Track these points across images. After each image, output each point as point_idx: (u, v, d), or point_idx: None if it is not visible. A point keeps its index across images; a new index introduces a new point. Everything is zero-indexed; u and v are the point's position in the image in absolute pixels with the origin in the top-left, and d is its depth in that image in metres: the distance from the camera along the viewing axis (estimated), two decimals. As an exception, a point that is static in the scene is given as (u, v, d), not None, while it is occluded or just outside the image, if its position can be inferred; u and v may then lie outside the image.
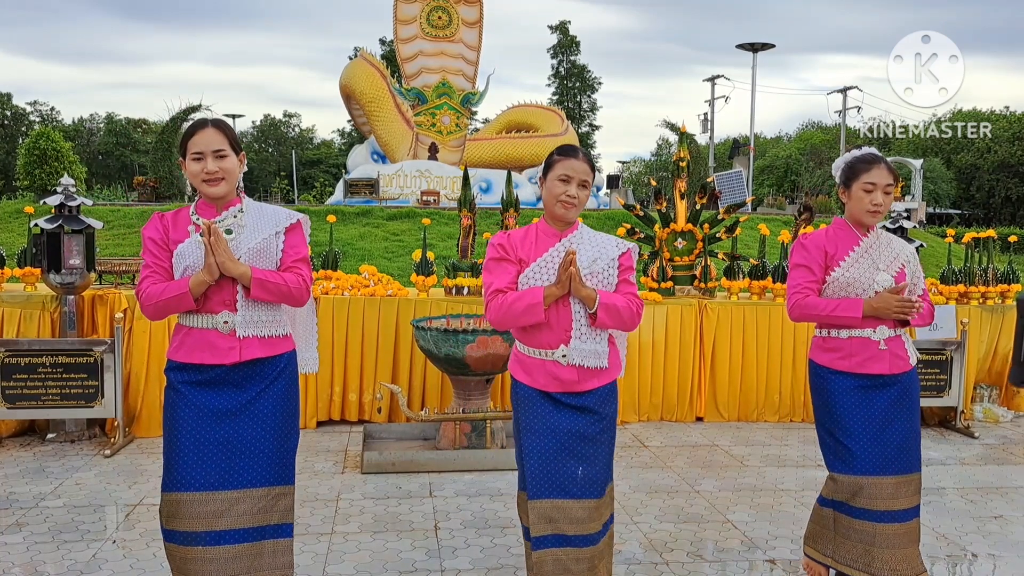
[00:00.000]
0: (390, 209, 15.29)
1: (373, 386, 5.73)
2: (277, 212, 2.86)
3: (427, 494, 4.40)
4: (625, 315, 2.73)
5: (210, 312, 2.69)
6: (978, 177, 45.64)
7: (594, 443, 2.75)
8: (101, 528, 3.82)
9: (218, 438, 2.69)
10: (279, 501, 2.78)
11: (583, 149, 2.84)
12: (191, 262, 2.67)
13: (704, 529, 3.98)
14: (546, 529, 2.66)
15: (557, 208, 2.75)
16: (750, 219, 14.24)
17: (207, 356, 2.68)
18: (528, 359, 2.78)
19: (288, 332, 2.83)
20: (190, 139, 2.71)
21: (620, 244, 2.84)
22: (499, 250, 2.80)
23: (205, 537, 2.66)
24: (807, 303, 3.03)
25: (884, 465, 3.01)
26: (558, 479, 2.68)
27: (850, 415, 3.03)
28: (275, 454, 2.76)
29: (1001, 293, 6.54)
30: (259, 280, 2.67)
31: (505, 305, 2.70)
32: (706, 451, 5.37)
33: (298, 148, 53.38)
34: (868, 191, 2.99)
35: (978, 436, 5.83)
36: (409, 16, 19.80)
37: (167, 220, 2.77)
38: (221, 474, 2.68)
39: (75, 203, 5.24)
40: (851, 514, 3.05)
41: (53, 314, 5.35)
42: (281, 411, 2.78)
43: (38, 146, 15.43)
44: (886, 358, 3.01)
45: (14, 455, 4.95)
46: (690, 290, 6.46)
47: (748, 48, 33.26)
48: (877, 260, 3.04)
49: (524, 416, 2.77)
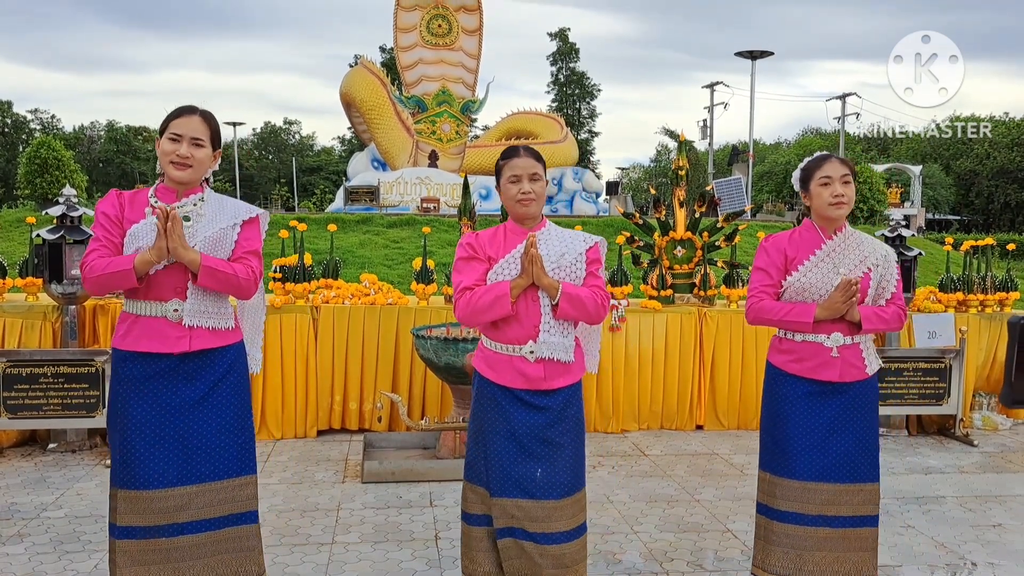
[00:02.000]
0: (390, 217, 15.31)
1: (373, 395, 5.74)
2: (237, 205, 2.85)
3: (427, 503, 4.41)
4: (589, 305, 2.79)
5: (159, 299, 2.67)
6: (977, 183, 45.71)
7: (555, 447, 2.80)
8: (102, 538, 3.82)
9: (174, 433, 2.68)
10: (241, 491, 2.78)
11: (525, 146, 2.91)
12: (143, 244, 2.63)
13: (704, 539, 3.99)
14: (509, 522, 2.78)
15: (517, 208, 2.83)
16: (749, 226, 14.26)
17: (156, 344, 2.65)
18: (494, 355, 2.83)
19: (234, 325, 2.83)
20: (174, 119, 2.69)
21: (587, 239, 2.92)
22: (468, 249, 2.86)
23: (167, 529, 2.67)
24: (761, 307, 3.02)
25: (824, 472, 2.96)
26: (518, 480, 2.77)
27: (793, 419, 3.00)
28: (233, 446, 2.77)
29: (1000, 301, 6.56)
30: (208, 268, 2.65)
31: (473, 300, 2.76)
32: (706, 459, 5.38)
33: (298, 155, 53.48)
34: (825, 184, 2.97)
35: (977, 444, 5.84)
36: (409, 24, 19.85)
37: (124, 198, 2.74)
38: (180, 470, 2.68)
39: (77, 213, 5.27)
40: (781, 519, 3.01)
41: (55, 324, 5.37)
42: (236, 404, 2.78)
43: (39, 155, 15.45)
44: (837, 365, 2.97)
45: (15, 465, 4.96)
46: (689, 298, 6.48)
47: (747, 56, 33.33)
48: (839, 264, 2.98)
49: (488, 416, 2.83)
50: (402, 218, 15.34)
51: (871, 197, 20.64)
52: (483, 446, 2.84)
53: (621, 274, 6.26)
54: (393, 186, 18.83)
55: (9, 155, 47.53)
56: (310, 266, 5.88)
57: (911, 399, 5.95)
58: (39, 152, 15.58)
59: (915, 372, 5.94)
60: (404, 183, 18.96)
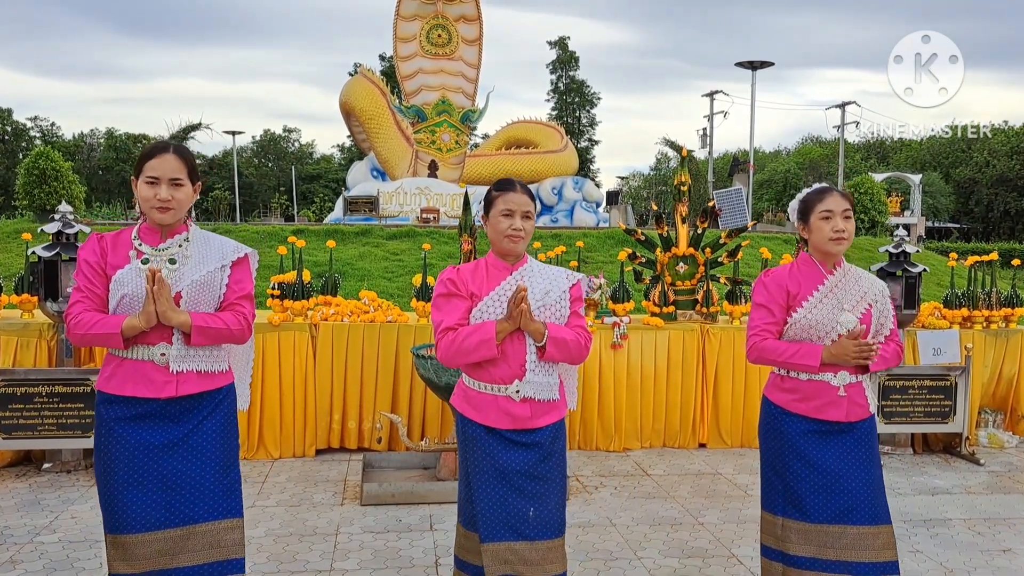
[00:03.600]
0: (390, 228, 15.24)
1: (373, 414, 5.67)
2: (224, 244, 2.76)
3: (427, 527, 4.34)
4: (573, 349, 2.74)
5: (147, 344, 2.58)
6: (977, 191, 45.72)
7: (544, 482, 2.74)
8: (97, 565, 3.75)
9: (156, 474, 2.59)
10: (227, 535, 2.68)
11: (519, 181, 2.85)
12: (129, 291, 2.56)
13: (709, 565, 3.92)
14: (502, 569, 2.67)
15: (505, 243, 2.76)
16: (751, 239, 14.21)
17: (141, 389, 2.58)
18: (478, 395, 2.76)
19: (226, 367, 2.75)
20: (149, 160, 2.58)
21: (570, 276, 2.88)
22: (449, 285, 2.78)
23: (158, 575, 2.59)
24: (765, 347, 2.93)
25: (842, 514, 2.87)
26: (510, 521, 2.68)
27: (805, 459, 2.90)
28: (219, 487, 2.67)
29: (1005, 317, 6.50)
30: (199, 328, 2.59)
31: (456, 342, 2.68)
32: (709, 479, 5.31)
33: (298, 163, 53.44)
34: (826, 218, 2.90)
35: (983, 463, 5.77)
36: (409, 34, 19.83)
37: (106, 242, 2.65)
38: (163, 512, 2.60)
39: (73, 230, 5.21)
40: (799, 565, 2.89)
41: (50, 342, 5.30)
42: (221, 443, 2.69)
43: (37, 166, 15.38)
44: (844, 405, 2.89)
45: (9, 486, 4.89)
46: (692, 315, 6.42)
47: (747, 66, 33.33)
48: (842, 300, 2.91)
49: (473, 457, 2.75)
50: (402, 229, 15.27)
51: (872, 208, 20.54)
52: (470, 488, 2.76)
53: (623, 291, 6.20)
54: (392, 196, 18.78)
55: (9, 163, 47.49)
56: (308, 282, 5.82)
57: (916, 417, 5.88)
58: (38, 163, 15.52)
59: (920, 390, 5.88)
60: (404, 193, 18.91)
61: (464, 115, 20.13)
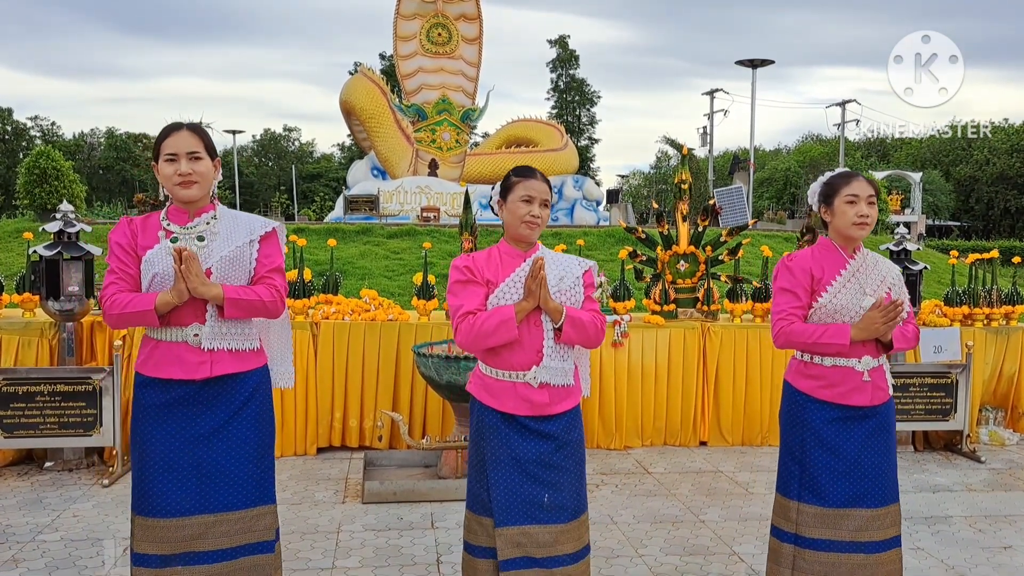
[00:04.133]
0: (390, 227, 15.25)
1: (374, 412, 5.68)
2: (252, 220, 2.80)
3: (429, 525, 4.34)
4: (590, 330, 2.77)
5: (180, 325, 2.63)
6: (977, 189, 45.71)
7: (559, 470, 2.76)
8: (99, 563, 3.76)
9: (192, 462, 2.63)
10: (259, 521, 2.72)
11: (538, 170, 2.87)
12: (160, 270, 2.60)
13: (710, 562, 3.92)
14: (514, 552, 2.71)
15: (522, 229, 2.78)
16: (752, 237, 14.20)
17: (176, 371, 2.62)
18: (495, 382, 2.77)
19: (258, 346, 2.78)
20: (164, 140, 2.65)
21: (582, 262, 2.90)
22: (465, 272, 2.80)
23: (183, 558, 2.62)
24: (792, 330, 2.93)
25: (856, 499, 2.90)
26: (525, 506, 2.71)
27: (826, 446, 2.92)
28: (252, 477, 2.71)
29: (1006, 315, 6.50)
30: (232, 300, 2.61)
31: (476, 325, 2.70)
32: (710, 477, 5.31)
33: (298, 162, 53.49)
34: (851, 202, 2.91)
35: (984, 460, 5.77)
36: (409, 33, 19.83)
37: (136, 225, 2.70)
38: (197, 499, 2.63)
39: (74, 229, 5.21)
40: (813, 547, 2.92)
41: (52, 341, 5.31)
42: (256, 434, 2.73)
43: (38, 165, 15.37)
44: (868, 389, 2.91)
45: (11, 485, 4.90)
46: (693, 313, 6.42)
47: (747, 64, 33.31)
48: (864, 284, 2.93)
49: (489, 445, 2.76)
50: (402, 228, 15.28)
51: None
52: (484, 475, 2.78)
53: (624, 289, 6.20)
54: (393, 195, 18.78)
55: (9, 162, 47.50)
56: (309, 281, 5.83)
57: (917, 415, 5.89)
58: (38, 162, 15.51)
59: (921, 387, 5.88)
60: (404, 192, 18.91)
61: (464, 114, 20.13)
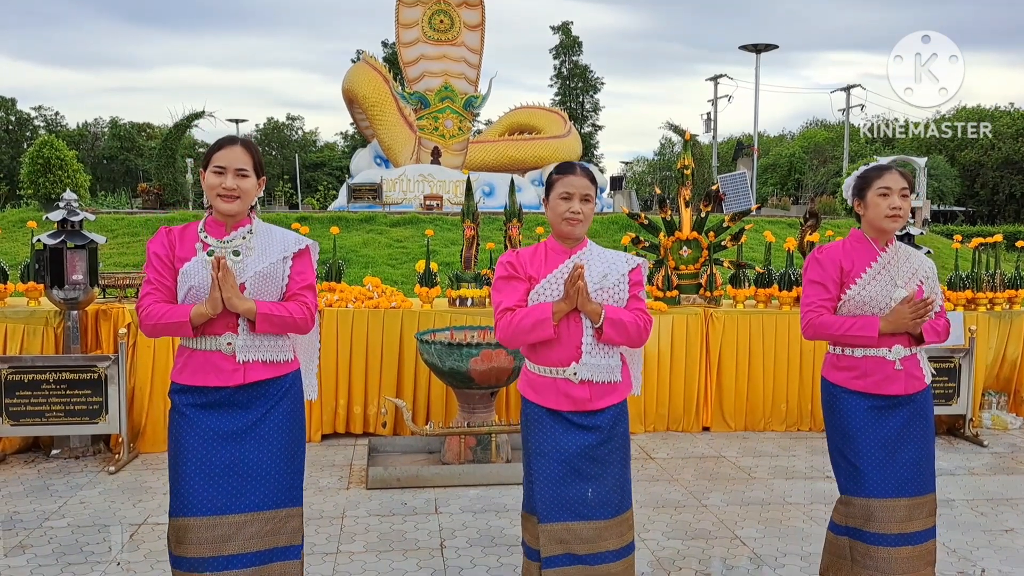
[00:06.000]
0: (393, 215, 15.27)
1: (378, 399, 5.70)
2: (286, 236, 2.83)
3: (433, 510, 4.37)
4: (632, 330, 2.73)
5: (214, 334, 2.66)
6: (982, 174, 45.50)
7: (603, 464, 2.74)
8: (106, 549, 3.80)
9: (224, 461, 2.66)
10: (287, 523, 2.75)
11: (582, 164, 2.84)
12: (196, 282, 2.64)
13: (712, 546, 3.95)
14: (556, 550, 2.69)
15: (563, 226, 2.76)
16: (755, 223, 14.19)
17: (211, 378, 2.66)
18: (538, 378, 2.77)
19: (292, 357, 2.81)
20: (216, 152, 2.70)
21: (630, 260, 2.85)
22: (508, 268, 2.80)
23: (213, 562, 2.64)
24: (821, 322, 2.95)
25: (897, 487, 2.93)
26: (568, 502, 2.69)
27: (862, 436, 2.95)
28: (282, 476, 2.74)
29: (1009, 299, 6.49)
30: (264, 315, 2.65)
31: (514, 323, 2.70)
32: (713, 463, 5.33)
33: (301, 151, 53.44)
34: (884, 195, 2.92)
35: (987, 444, 5.78)
36: (411, 20, 19.79)
37: (174, 236, 2.74)
38: (228, 497, 2.66)
39: (78, 218, 5.23)
40: (867, 540, 2.96)
41: (57, 330, 5.34)
42: (287, 432, 2.75)
43: (42, 155, 15.41)
44: (901, 378, 2.93)
45: (18, 473, 4.94)
46: (695, 299, 6.42)
47: (751, 49, 33.17)
48: (895, 276, 2.94)
49: (533, 438, 2.76)
50: (405, 216, 15.30)
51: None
52: (529, 469, 2.77)
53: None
54: (396, 183, 18.79)
55: (13, 152, 47.54)
56: (313, 269, 5.84)
57: (920, 399, 5.88)
58: (42, 152, 15.54)
59: (931, 382, 5.87)
60: (407, 180, 18.91)
61: (467, 101, 20.10)
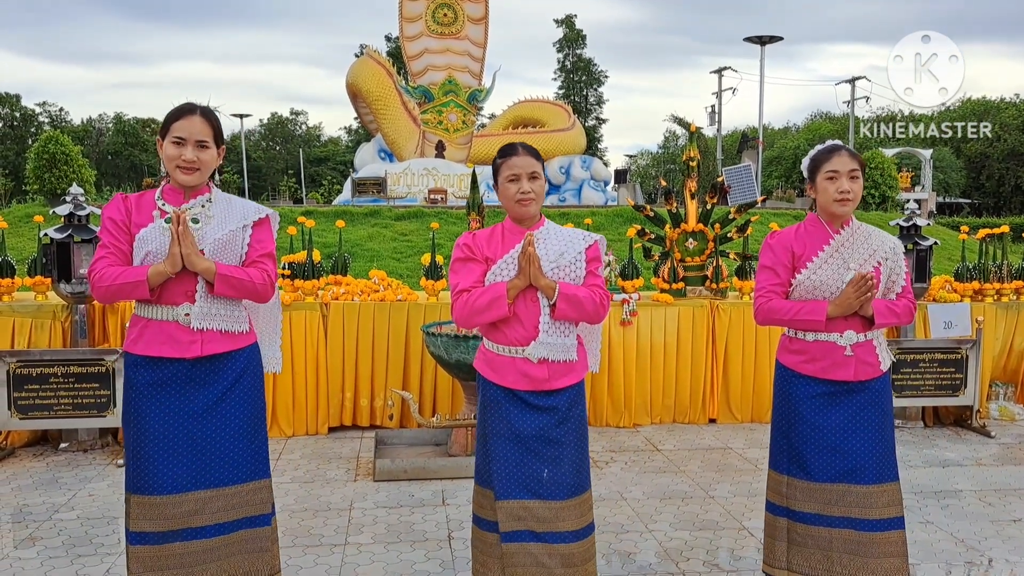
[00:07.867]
0: (398, 209, 15.28)
1: (384, 391, 5.71)
2: (246, 205, 2.82)
3: (440, 502, 4.38)
4: (587, 306, 2.74)
5: (171, 304, 2.63)
6: (988, 166, 45.34)
7: (560, 446, 2.77)
8: (115, 541, 3.81)
9: (187, 439, 2.66)
10: (255, 495, 2.76)
11: (523, 143, 2.85)
12: (153, 248, 2.61)
13: (720, 537, 3.95)
14: (515, 526, 2.74)
15: (517, 208, 2.78)
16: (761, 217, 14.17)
17: (167, 349, 2.63)
18: (496, 357, 2.79)
19: (247, 328, 2.80)
20: (175, 122, 2.63)
21: (587, 237, 2.87)
22: (465, 250, 2.82)
23: (181, 533, 2.65)
24: (770, 307, 2.93)
25: (846, 474, 2.89)
26: (524, 481, 2.74)
27: (808, 421, 2.92)
28: (246, 452, 2.74)
29: (1016, 290, 6.48)
30: (223, 276, 2.62)
31: (470, 302, 2.72)
32: (719, 454, 5.33)
33: (305, 146, 53.45)
34: (832, 179, 2.88)
35: (994, 435, 5.77)
36: (415, 14, 19.75)
37: (130, 202, 2.70)
38: (192, 475, 2.66)
39: (84, 212, 5.24)
40: (805, 520, 2.94)
41: (64, 323, 5.35)
42: (249, 409, 2.76)
43: (47, 150, 15.44)
44: (852, 364, 2.89)
45: (27, 466, 4.96)
46: (701, 291, 6.42)
47: (756, 41, 33.03)
48: (848, 259, 2.90)
49: (491, 419, 2.80)
50: (410, 210, 15.30)
51: (883, 183, 20.44)
52: (487, 448, 2.81)
53: (632, 267, 6.20)
54: (400, 177, 18.78)
55: (18, 148, 47.62)
56: (319, 262, 5.85)
57: (927, 390, 5.88)
58: (47, 147, 15.58)
59: (931, 363, 5.88)
60: (411, 174, 18.91)
61: (471, 95, 20.07)
